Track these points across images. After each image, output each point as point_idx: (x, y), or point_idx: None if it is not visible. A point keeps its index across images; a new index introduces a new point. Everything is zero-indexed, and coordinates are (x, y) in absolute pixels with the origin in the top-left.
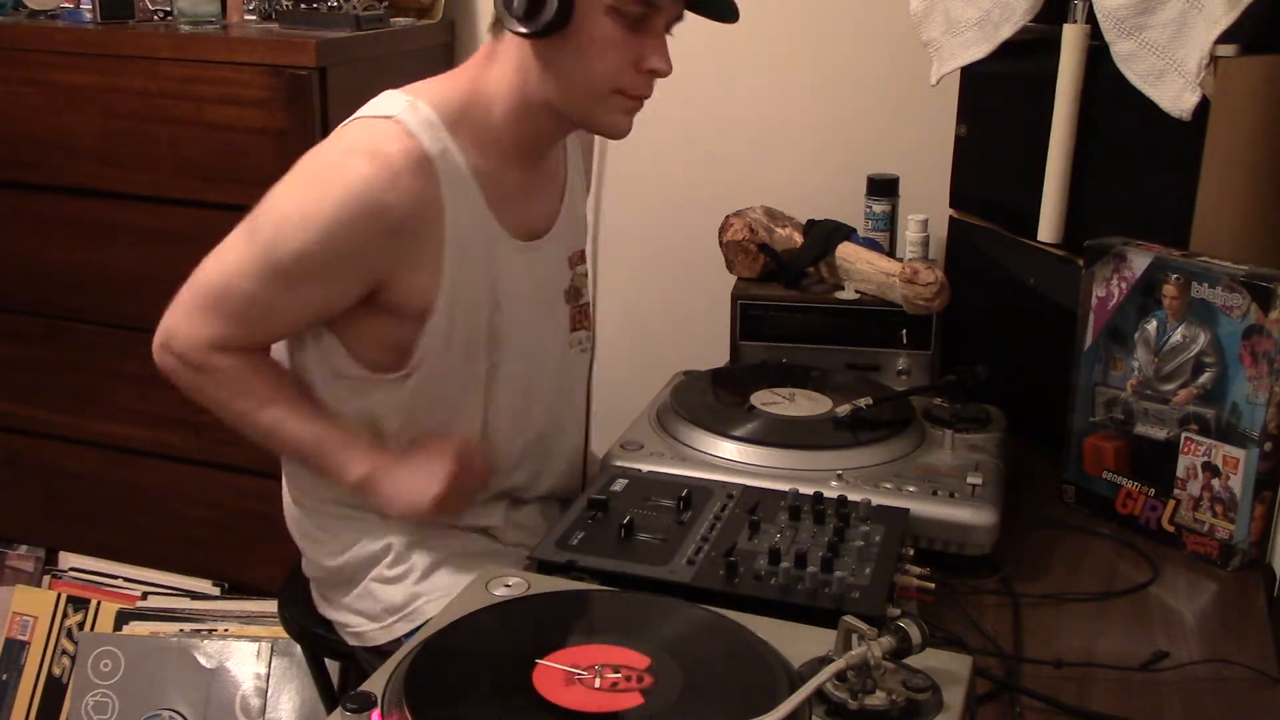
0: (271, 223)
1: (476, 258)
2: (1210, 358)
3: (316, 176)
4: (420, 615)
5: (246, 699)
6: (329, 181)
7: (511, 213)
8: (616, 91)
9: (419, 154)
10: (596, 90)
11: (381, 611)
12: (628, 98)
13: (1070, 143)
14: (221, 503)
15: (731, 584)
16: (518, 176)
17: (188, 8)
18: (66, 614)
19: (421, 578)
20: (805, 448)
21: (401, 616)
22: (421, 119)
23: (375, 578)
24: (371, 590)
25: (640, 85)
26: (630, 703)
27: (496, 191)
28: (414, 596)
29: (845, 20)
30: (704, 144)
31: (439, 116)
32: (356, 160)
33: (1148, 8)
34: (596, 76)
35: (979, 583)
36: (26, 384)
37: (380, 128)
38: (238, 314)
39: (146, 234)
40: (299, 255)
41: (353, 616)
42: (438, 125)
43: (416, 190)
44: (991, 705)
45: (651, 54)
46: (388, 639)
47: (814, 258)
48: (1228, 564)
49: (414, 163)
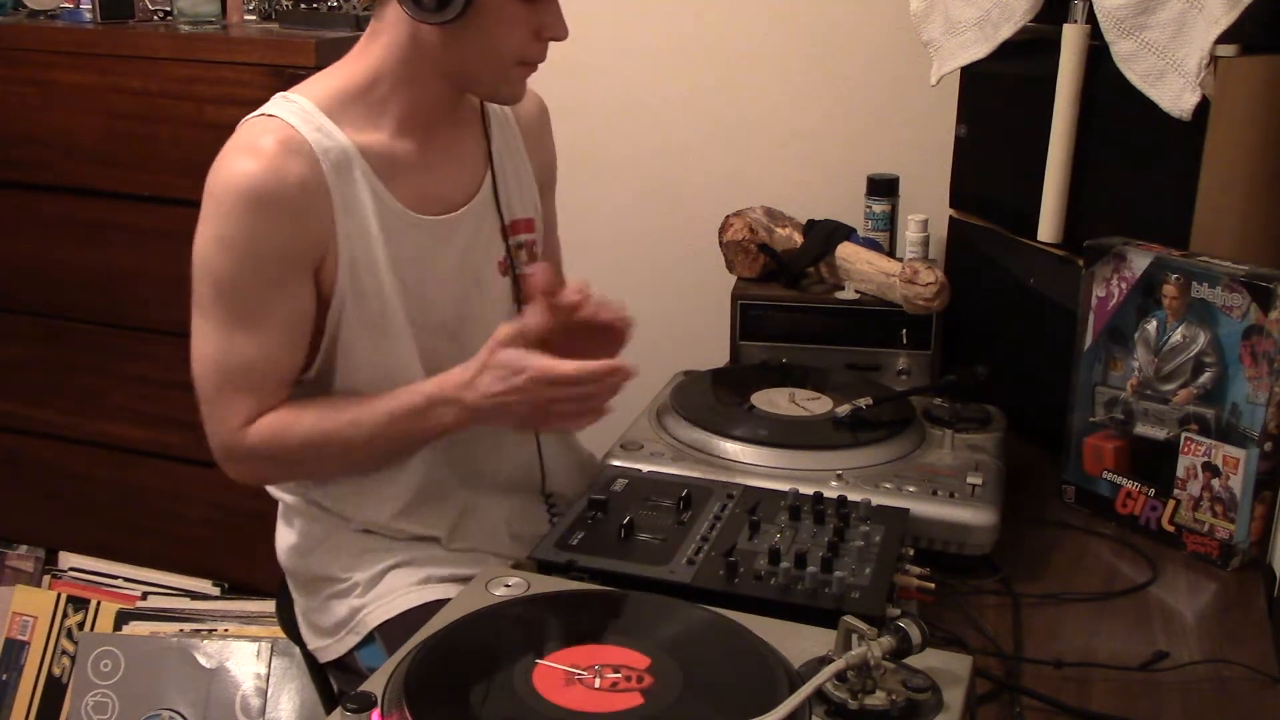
0: (201, 273)
1: (372, 235)
2: (1210, 358)
3: (210, 196)
4: (364, 627)
5: (246, 699)
6: (221, 193)
7: (410, 187)
8: (520, 63)
9: (295, 140)
10: (502, 65)
11: (333, 625)
12: (528, 66)
13: (1070, 143)
14: (221, 503)
15: (731, 584)
16: (414, 151)
17: (188, 8)
18: (66, 614)
19: (364, 591)
20: (805, 448)
21: (349, 630)
22: (294, 109)
23: (329, 594)
24: (326, 606)
25: (540, 53)
26: (630, 703)
27: (389, 167)
28: (357, 609)
29: (845, 20)
30: (704, 144)
31: (315, 104)
32: (236, 160)
33: (1148, 8)
34: (503, 52)
35: (979, 583)
36: (26, 384)
37: (253, 126)
38: (240, 379)
39: (147, 234)
40: (236, 280)
41: (314, 635)
42: (313, 112)
43: (298, 174)
44: (991, 705)
45: (551, 22)
46: (341, 652)
47: (814, 258)
48: (1228, 564)
49: (290, 149)
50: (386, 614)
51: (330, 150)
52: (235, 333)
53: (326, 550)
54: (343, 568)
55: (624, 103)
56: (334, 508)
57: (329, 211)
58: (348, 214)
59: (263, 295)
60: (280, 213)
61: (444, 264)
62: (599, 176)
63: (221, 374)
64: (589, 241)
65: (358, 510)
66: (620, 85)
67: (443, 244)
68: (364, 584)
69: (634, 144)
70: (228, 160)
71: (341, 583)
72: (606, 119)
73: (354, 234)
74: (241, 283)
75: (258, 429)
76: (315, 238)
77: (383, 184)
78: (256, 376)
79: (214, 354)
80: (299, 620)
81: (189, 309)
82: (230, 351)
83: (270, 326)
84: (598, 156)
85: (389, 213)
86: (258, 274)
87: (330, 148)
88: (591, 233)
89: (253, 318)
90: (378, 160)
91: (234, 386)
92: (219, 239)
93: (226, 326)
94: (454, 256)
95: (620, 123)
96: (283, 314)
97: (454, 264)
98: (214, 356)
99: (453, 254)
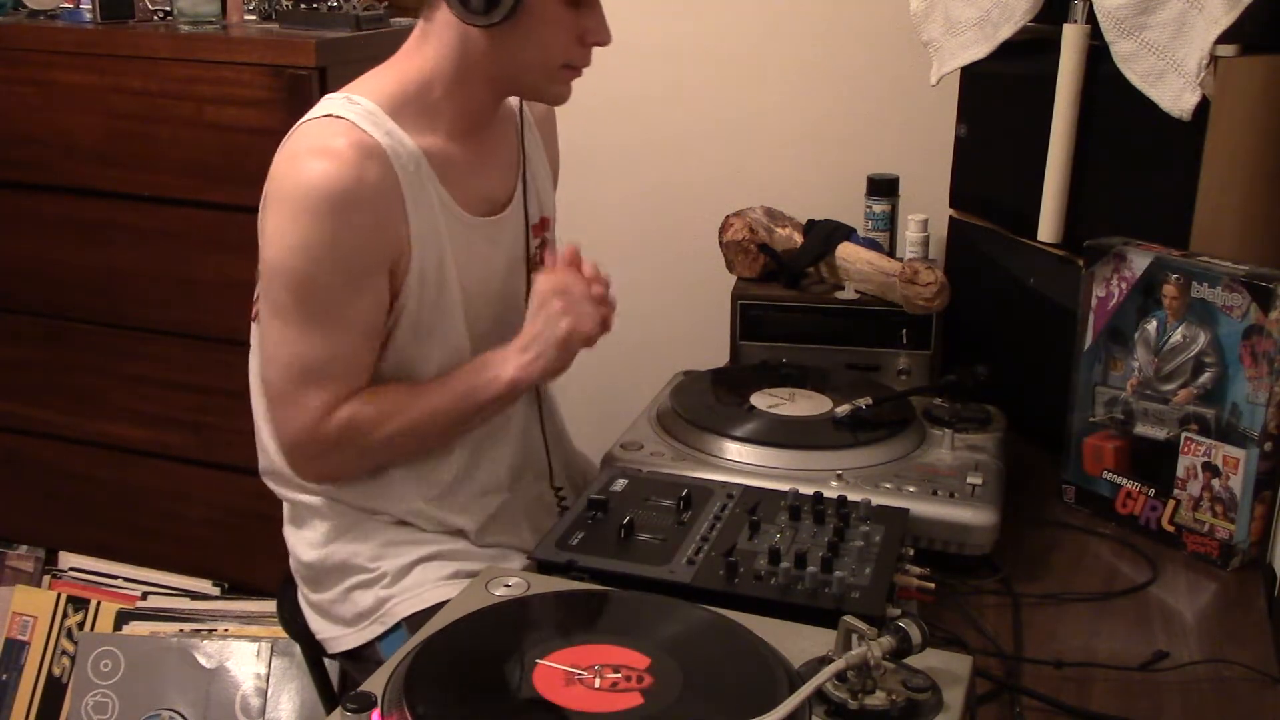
0: (277, 276)
1: (439, 235)
2: (1210, 358)
3: (284, 200)
4: (391, 617)
5: (246, 699)
6: (296, 196)
7: (465, 188)
8: (565, 66)
9: (368, 144)
10: (549, 68)
11: (355, 617)
12: (573, 69)
13: (1070, 143)
14: (221, 503)
15: (731, 584)
16: (466, 152)
17: (188, 8)
18: (66, 614)
19: (393, 582)
20: (805, 448)
21: (374, 620)
22: (361, 111)
23: (351, 585)
24: (348, 597)
25: (586, 57)
26: (630, 703)
27: (447, 169)
28: (384, 600)
29: (845, 20)
30: (704, 144)
31: (378, 105)
32: (310, 163)
33: (1148, 8)
34: (549, 56)
35: (979, 583)
36: (26, 384)
37: (322, 127)
38: (317, 376)
39: (146, 234)
40: (316, 281)
41: (328, 625)
42: (378, 114)
43: (374, 177)
44: (991, 705)
45: (594, 26)
46: (360, 642)
47: (814, 258)
48: (1228, 564)
49: (364, 152)
50: (417, 605)
51: (401, 154)
52: (314, 333)
53: (352, 541)
54: (370, 558)
55: (624, 102)
56: (358, 503)
57: (403, 214)
58: (419, 217)
59: (342, 296)
60: (359, 215)
61: (495, 264)
62: (599, 176)
63: (300, 373)
64: (589, 241)
65: (391, 502)
66: (620, 85)
67: (493, 244)
68: (392, 574)
69: (634, 144)
70: (300, 163)
71: (368, 573)
72: (607, 119)
73: (425, 236)
74: (322, 283)
75: (336, 419)
76: (391, 240)
77: (444, 186)
78: (336, 372)
79: (291, 355)
80: (309, 614)
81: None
82: (308, 353)
83: (349, 326)
84: (598, 156)
85: (450, 215)
86: (336, 275)
87: (401, 153)
88: (591, 233)
89: (331, 318)
90: (438, 163)
91: (311, 382)
92: (299, 243)
93: (305, 327)
94: (502, 256)
95: (620, 122)
96: (361, 313)
97: (503, 264)
98: (292, 357)
99: (501, 254)
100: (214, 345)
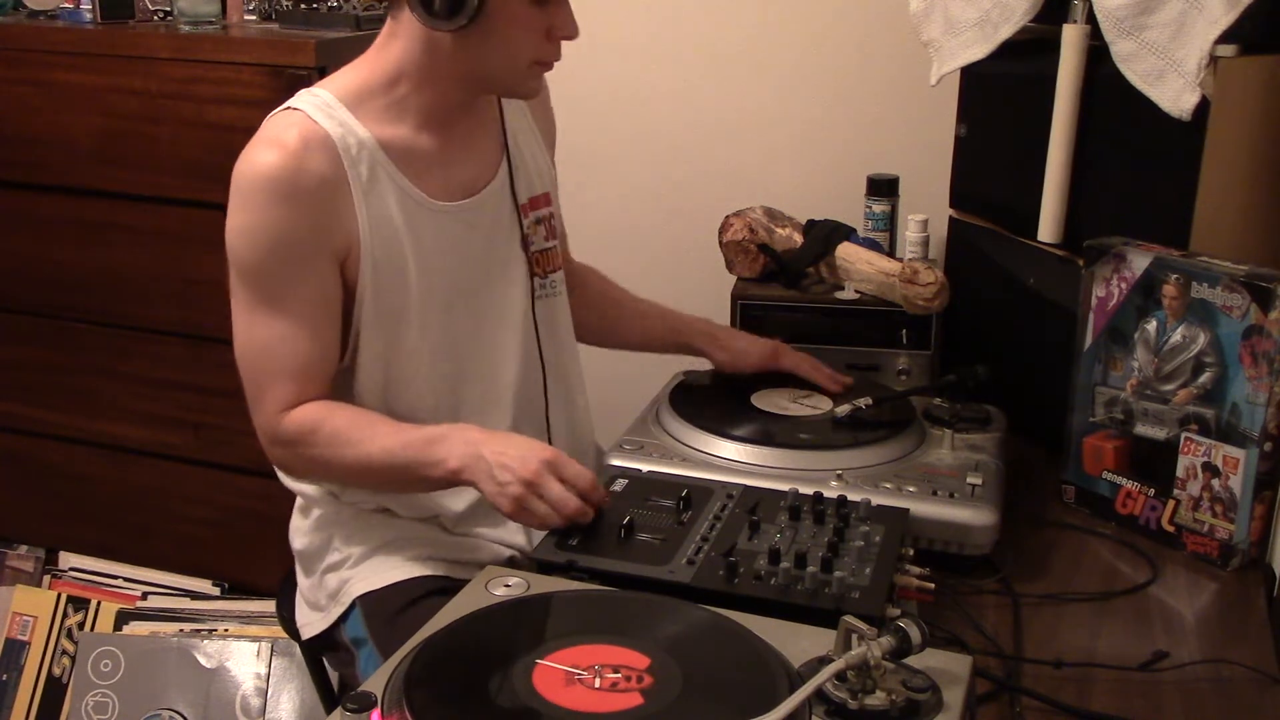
0: (232, 259)
1: (396, 226)
2: (1210, 358)
3: (237, 188)
4: (346, 596)
5: (246, 699)
6: (243, 184)
7: (433, 176)
8: (535, 63)
9: (316, 134)
10: (518, 67)
11: (324, 599)
12: (544, 64)
13: (1070, 143)
14: (221, 503)
15: (731, 584)
16: (435, 143)
17: (188, 8)
18: (66, 614)
19: (356, 562)
20: (805, 448)
21: (335, 600)
22: (318, 103)
23: (324, 568)
24: (321, 581)
25: (554, 52)
26: (630, 703)
27: (412, 158)
28: (345, 580)
29: (845, 20)
30: (704, 144)
31: (338, 98)
32: (259, 153)
33: (1148, 8)
34: (517, 55)
35: (979, 583)
36: (26, 384)
37: (277, 120)
38: (268, 364)
39: (146, 234)
40: (263, 267)
41: (304, 611)
42: (335, 106)
43: (318, 167)
44: (991, 705)
45: (561, 22)
46: (327, 624)
47: (814, 258)
48: (1228, 564)
49: (312, 143)
50: (369, 586)
51: (351, 144)
52: (256, 315)
53: (332, 525)
54: (343, 540)
55: (624, 103)
56: (346, 496)
57: (350, 204)
58: (369, 206)
59: (282, 280)
60: (299, 203)
61: (471, 247)
62: (599, 176)
63: (249, 358)
64: (589, 241)
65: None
66: (620, 85)
67: (469, 228)
68: (356, 556)
69: (634, 144)
70: (252, 152)
71: (337, 553)
72: (606, 119)
73: (377, 225)
74: (262, 268)
75: (293, 418)
76: (336, 229)
77: (404, 175)
78: (286, 365)
79: (245, 340)
80: (298, 606)
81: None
82: (253, 335)
83: (289, 311)
84: (597, 156)
85: (412, 202)
86: (275, 259)
87: (351, 141)
88: (592, 232)
89: (271, 302)
90: (399, 153)
91: (265, 372)
92: (241, 227)
93: (252, 313)
94: (480, 239)
95: (620, 122)
96: (302, 299)
97: (480, 246)
98: (246, 342)
99: (479, 236)
100: (214, 345)
